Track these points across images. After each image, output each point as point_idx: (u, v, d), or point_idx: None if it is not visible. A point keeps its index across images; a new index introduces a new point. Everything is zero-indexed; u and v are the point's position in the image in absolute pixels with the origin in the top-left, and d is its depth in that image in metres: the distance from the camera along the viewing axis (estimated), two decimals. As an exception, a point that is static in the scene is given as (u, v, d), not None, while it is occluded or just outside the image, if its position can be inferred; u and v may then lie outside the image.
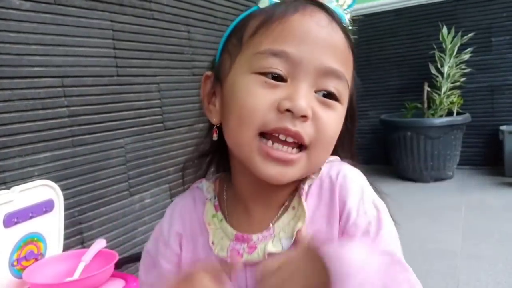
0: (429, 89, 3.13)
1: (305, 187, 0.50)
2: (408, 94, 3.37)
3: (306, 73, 0.44)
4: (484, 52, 3.16)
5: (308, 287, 0.37)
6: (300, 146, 0.46)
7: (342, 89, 0.47)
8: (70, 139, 1.36)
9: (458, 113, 3.09)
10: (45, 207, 1.13)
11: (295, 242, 0.47)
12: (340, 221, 0.48)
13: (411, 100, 3.27)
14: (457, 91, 3.09)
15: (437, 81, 3.12)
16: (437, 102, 3.06)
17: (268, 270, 0.39)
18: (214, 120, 0.52)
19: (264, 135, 0.46)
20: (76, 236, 1.39)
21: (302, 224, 0.47)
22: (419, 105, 3.19)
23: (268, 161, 0.45)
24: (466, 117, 3.01)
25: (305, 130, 0.44)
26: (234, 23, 0.51)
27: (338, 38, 0.46)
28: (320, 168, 0.50)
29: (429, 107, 3.13)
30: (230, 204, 0.54)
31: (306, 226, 0.47)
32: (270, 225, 0.49)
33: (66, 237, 1.24)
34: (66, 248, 1.23)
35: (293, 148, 0.45)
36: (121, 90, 1.57)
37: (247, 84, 0.45)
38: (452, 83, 3.09)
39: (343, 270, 0.34)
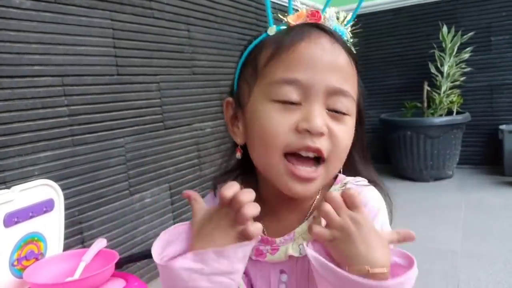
0: (428, 88, 3.13)
1: None
2: (408, 93, 3.37)
3: (317, 95, 0.50)
4: (484, 52, 3.16)
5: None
6: (318, 160, 0.52)
7: (349, 104, 0.52)
8: (70, 138, 1.36)
9: (457, 113, 3.09)
10: (46, 206, 1.12)
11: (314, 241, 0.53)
12: None
13: (410, 99, 3.27)
14: (457, 91, 3.09)
15: (437, 80, 3.12)
16: (437, 101, 3.06)
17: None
18: (239, 140, 0.58)
19: (287, 155, 0.51)
20: (76, 235, 1.39)
21: None
22: (418, 105, 3.19)
23: (295, 179, 0.51)
24: (465, 117, 3.01)
25: (323, 145, 0.50)
26: (247, 51, 0.56)
27: (341, 59, 0.51)
28: (347, 187, 0.57)
29: (428, 106, 3.13)
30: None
31: None
32: (293, 230, 0.55)
33: (66, 237, 1.23)
34: (66, 247, 1.22)
35: (312, 166, 0.51)
36: (121, 89, 1.56)
37: (267, 111, 0.50)
38: (451, 82, 3.09)
39: None
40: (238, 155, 0.58)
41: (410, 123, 3.04)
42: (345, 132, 0.52)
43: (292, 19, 0.53)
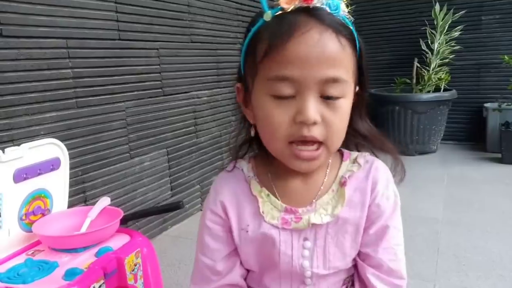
0: (418, 65, 3.19)
1: (347, 176, 0.63)
2: (399, 69, 3.43)
3: (309, 87, 0.53)
4: (474, 30, 3.21)
5: None
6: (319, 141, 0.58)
7: (342, 87, 0.55)
8: (74, 100, 1.39)
9: (445, 89, 3.16)
10: (52, 164, 1.15)
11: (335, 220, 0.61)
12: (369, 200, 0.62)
13: (401, 75, 3.33)
14: (445, 68, 3.16)
15: (426, 57, 3.17)
16: (426, 78, 3.13)
17: None
18: (251, 121, 0.63)
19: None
20: (79, 194, 1.44)
21: (341, 207, 0.61)
22: (408, 81, 3.25)
23: (299, 160, 0.57)
24: (452, 94, 3.09)
25: (317, 132, 0.54)
26: (247, 40, 0.59)
27: (330, 48, 0.53)
28: (360, 165, 0.64)
29: (417, 82, 3.20)
30: (274, 182, 0.65)
31: (344, 209, 0.61)
32: (314, 201, 0.62)
33: (69, 195, 1.26)
34: (69, 205, 1.25)
35: (313, 145, 0.56)
36: (122, 54, 1.58)
37: (268, 106, 0.56)
38: (441, 59, 3.15)
39: None
40: (252, 133, 0.63)
41: (398, 99, 3.11)
42: (339, 115, 0.56)
43: (285, 2, 0.53)
